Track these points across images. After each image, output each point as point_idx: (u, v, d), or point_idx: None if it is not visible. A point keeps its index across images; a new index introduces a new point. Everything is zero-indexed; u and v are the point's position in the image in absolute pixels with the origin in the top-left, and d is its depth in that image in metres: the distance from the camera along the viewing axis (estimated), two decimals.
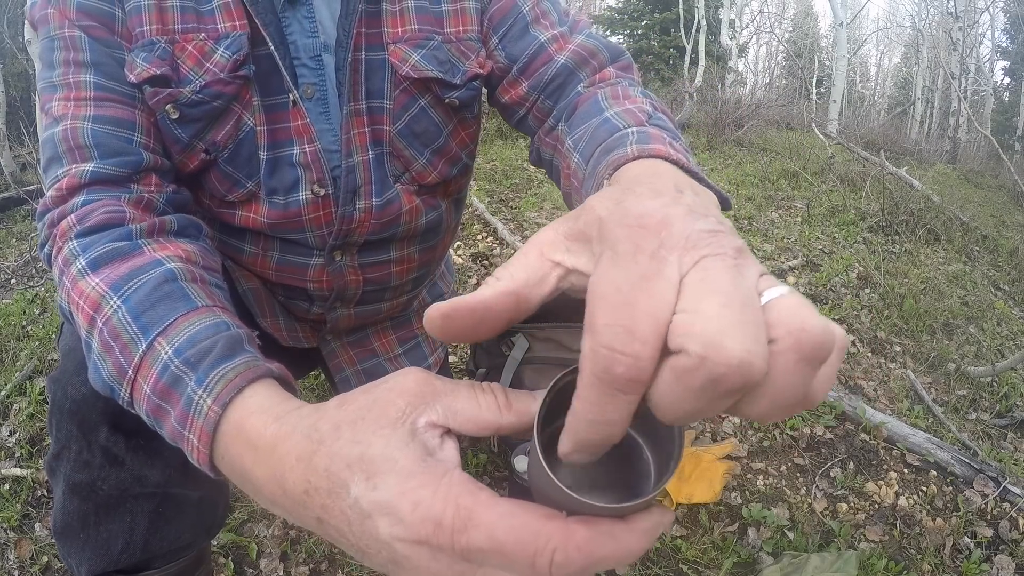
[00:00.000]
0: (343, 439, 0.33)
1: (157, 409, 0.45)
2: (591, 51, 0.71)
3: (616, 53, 0.73)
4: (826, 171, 5.02)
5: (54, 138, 0.61)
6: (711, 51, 11.10)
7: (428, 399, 0.33)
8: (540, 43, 0.72)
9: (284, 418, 0.37)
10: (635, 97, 0.63)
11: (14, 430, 1.57)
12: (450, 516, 0.29)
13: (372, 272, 0.84)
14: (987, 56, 16.65)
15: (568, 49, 0.71)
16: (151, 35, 0.64)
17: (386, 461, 0.31)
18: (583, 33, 0.73)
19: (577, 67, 0.71)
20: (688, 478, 1.39)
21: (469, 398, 0.33)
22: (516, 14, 0.74)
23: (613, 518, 0.29)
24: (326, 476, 0.32)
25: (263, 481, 0.36)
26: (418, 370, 0.35)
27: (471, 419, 0.33)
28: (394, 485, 0.30)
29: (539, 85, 0.72)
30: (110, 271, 0.52)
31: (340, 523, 0.32)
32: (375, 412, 0.33)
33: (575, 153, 0.59)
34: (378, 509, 0.30)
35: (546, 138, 0.72)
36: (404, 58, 0.72)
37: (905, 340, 2.31)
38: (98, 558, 0.67)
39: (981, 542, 1.34)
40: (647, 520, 0.29)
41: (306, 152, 0.71)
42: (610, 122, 0.56)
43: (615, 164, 0.45)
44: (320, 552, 1.21)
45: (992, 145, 7.37)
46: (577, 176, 0.57)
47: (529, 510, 0.29)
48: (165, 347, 0.46)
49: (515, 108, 0.76)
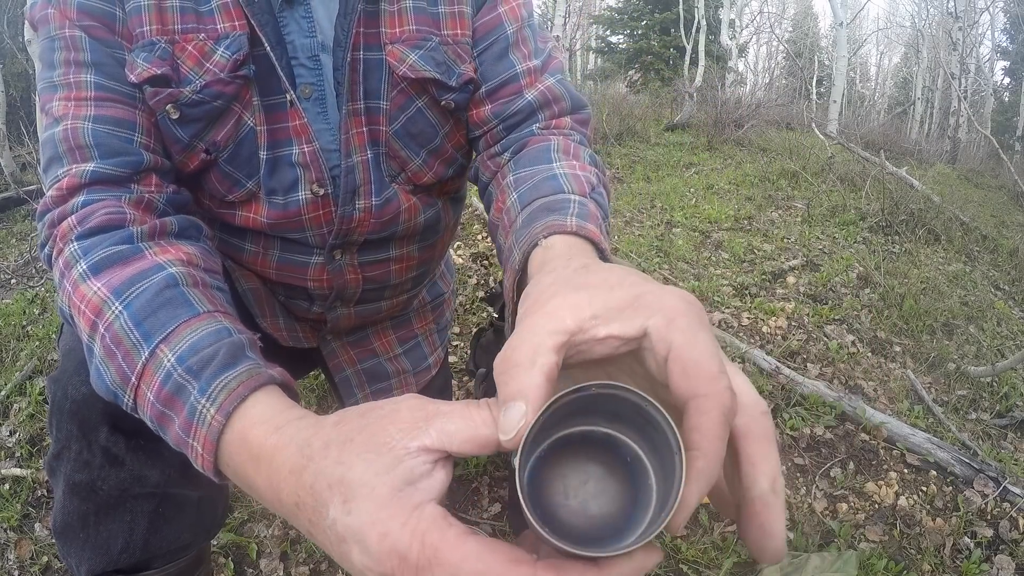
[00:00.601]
0: (329, 459, 0.33)
1: (161, 416, 0.46)
2: (556, 96, 0.74)
3: (578, 105, 0.76)
4: (826, 171, 5.02)
5: (54, 138, 0.61)
6: (711, 51, 11.09)
7: (421, 424, 0.33)
8: (515, 73, 0.74)
9: (283, 428, 0.38)
10: (584, 162, 0.66)
11: (14, 430, 1.57)
12: (415, 552, 0.29)
13: (372, 271, 0.84)
14: (987, 56, 16.66)
15: (537, 88, 0.74)
16: (151, 35, 0.64)
17: (363, 487, 0.31)
18: (554, 76, 0.76)
19: (540, 108, 0.73)
20: None
21: (463, 417, 0.33)
22: (500, 33, 0.75)
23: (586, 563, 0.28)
24: (311, 493, 0.33)
25: (263, 490, 0.38)
26: (414, 396, 0.35)
27: (468, 439, 0.32)
28: (366, 513, 0.31)
29: (502, 115, 0.74)
30: (111, 276, 0.52)
31: (324, 540, 0.33)
32: (364, 435, 0.33)
33: (514, 192, 0.62)
34: (350, 535, 0.31)
35: (488, 161, 0.75)
36: (402, 58, 0.71)
37: (905, 340, 2.31)
38: (98, 558, 0.67)
39: (981, 542, 1.34)
40: (625, 566, 0.29)
41: (304, 152, 0.71)
42: (557, 180, 0.60)
43: (552, 229, 0.50)
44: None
45: (992, 145, 7.37)
46: (509, 215, 0.61)
47: (497, 552, 0.29)
48: (168, 355, 0.46)
49: (472, 128, 0.77)
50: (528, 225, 0.54)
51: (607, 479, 0.33)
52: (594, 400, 0.31)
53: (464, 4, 0.75)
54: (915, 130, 15.24)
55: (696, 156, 5.88)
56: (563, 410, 0.31)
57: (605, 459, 0.33)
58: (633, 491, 0.32)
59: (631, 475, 0.33)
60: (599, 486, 0.33)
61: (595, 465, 0.33)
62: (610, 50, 15.76)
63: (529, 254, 0.50)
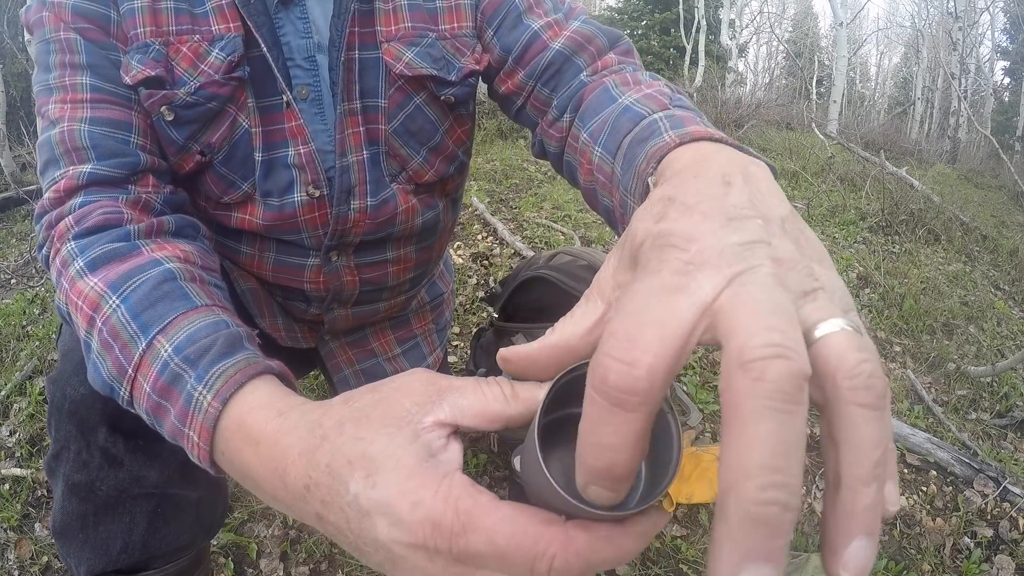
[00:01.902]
0: (346, 435, 0.32)
1: (157, 407, 0.45)
2: (587, 36, 0.69)
3: (614, 38, 0.71)
4: (826, 171, 5.02)
5: (51, 140, 0.61)
6: (711, 51, 11.10)
7: (434, 398, 0.33)
8: (534, 31, 0.71)
9: (287, 413, 0.37)
10: (648, 81, 0.61)
11: (14, 430, 1.57)
12: (449, 518, 0.29)
13: (369, 272, 0.83)
14: (987, 56, 16.65)
15: (563, 35, 0.69)
16: (145, 37, 0.64)
17: (388, 459, 0.31)
18: (579, 19, 0.71)
19: (574, 53, 0.69)
20: (688, 478, 1.38)
21: (475, 392, 0.33)
22: (508, 5, 0.73)
23: (611, 522, 0.29)
24: (327, 472, 0.32)
25: (264, 476, 0.36)
26: (424, 370, 0.35)
27: (479, 413, 0.32)
28: (394, 484, 0.30)
29: (535, 73, 0.70)
30: (108, 271, 0.52)
31: (339, 520, 0.32)
32: (380, 410, 0.33)
33: (596, 146, 0.57)
34: (376, 508, 0.30)
35: (550, 130, 0.69)
36: (398, 56, 0.71)
37: (905, 340, 2.31)
38: (97, 558, 0.67)
39: (981, 542, 1.34)
40: (644, 523, 0.29)
41: (300, 153, 0.70)
42: (631, 110, 0.54)
43: (656, 156, 0.41)
44: (320, 552, 1.21)
45: (992, 145, 7.37)
46: (603, 171, 0.55)
47: (529, 514, 0.29)
48: (165, 345, 0.46)
49: (513, 98, 0.74)
50: (628, 169, 0.47)
51: None
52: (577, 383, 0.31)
53: None
54: (915, 130, 15.23)
55: None
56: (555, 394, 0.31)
57: None
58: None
59: None
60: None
61: None
62: None
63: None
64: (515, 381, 0.33)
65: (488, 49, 0.75)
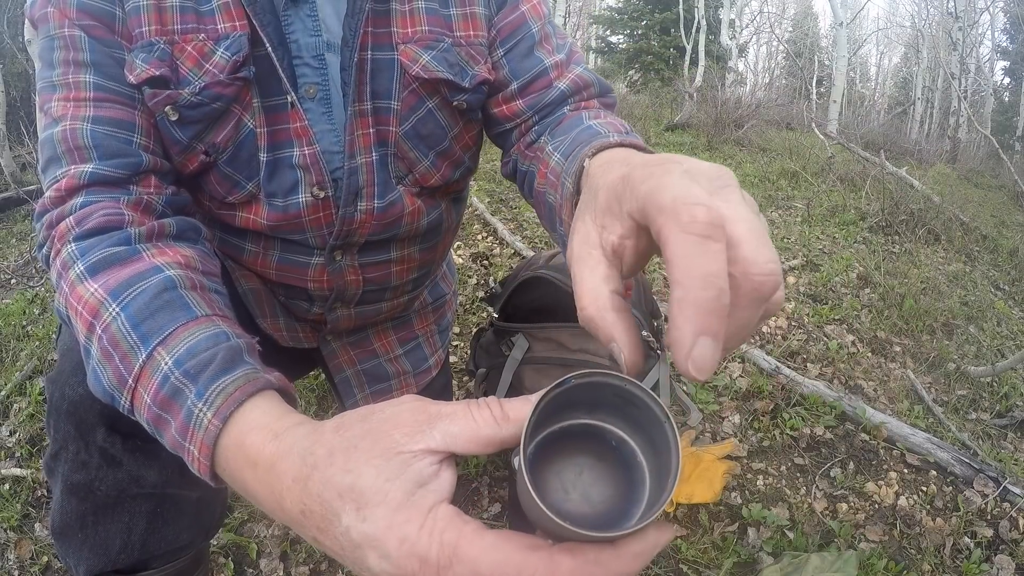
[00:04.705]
0: (336, 466, 0.33)
1: (158, 419, 0.46)
2: (586, 83, 0.76)
3: (606, 89, 0.78)
4: (826, 171, 5.02)
5: (53, 138, 0.61)
6: (711, 51, 11.10)
7: (424, 427, 0.33)
8: (544, 67, 0.75)
9: (282, 436, 0.38)
10: (615, 118, 0.67)
11: (14, 430, 1.57)
12: (435, 552, 0.30)
13: (372, 272, 0.83)
14: (987, 56, 16.65)
15: (567, 78, 0.75)
16: (150, 36, 0.64)
17: (376, 493, 0.32)
18: (580, 65, 0.78)
19: (571, 95, 0.75)
20: (688, 478, 1.39)
21: (465, 417, 0.33)
22: (525, 31, 0.76)
23: (601, 544, 0.29)
24: (319, 502, 0.33)
25: (263, 496, 0.38)
26: (414, 397, 0.35)
27: (471, 439, 0.33)
28: (382, 518, 0.31)
29: (536, 107, 0.75)
30: (109, 277, 0.52)
31: (334, 545, 0.33)
32: (368, 441, 0.33)
33: (556, 153, 0.62)
34: (367, 542, 0.31)
35: (526, 151, 0.74)
36: (414, 58, 0.71)
37: (905, 340, 2.31)
38: (96, 558, 0.67)
39: (981, 542, 1.34)
40: (639, 544, 0.29)
41: (305, 154, 0.70)
42: (592, 128, 0.61)
43: (598, 147, 0.48)
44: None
45: (992, 145, 7.37)
46: (555, 172, 0.60)
47: (514, 542, 0.29)
48: (165, 357, 0.46)
49: (504, 122, 0.78)
50: (574, 159, 0.52)
51: (599, 466, 0.34)
52: (573, 392, 0.31)
53: (476, 5, 0.75)
54: (915, 130, 15.22)
55: (696, 156, 5.86)
56: (547, 408, 0.31)
57: (592, 448, 0.34)
58: (627, 472, 0.33)
59: (620, 458, 0.33)
60: (593, 474, 0.33)
61: (584, 456, 0.34)
62: (610, 50, 15.75)
63: (580, 176, 0.48)
64: (505, 401, 0.34)
65: (495, 66, 0.76)
